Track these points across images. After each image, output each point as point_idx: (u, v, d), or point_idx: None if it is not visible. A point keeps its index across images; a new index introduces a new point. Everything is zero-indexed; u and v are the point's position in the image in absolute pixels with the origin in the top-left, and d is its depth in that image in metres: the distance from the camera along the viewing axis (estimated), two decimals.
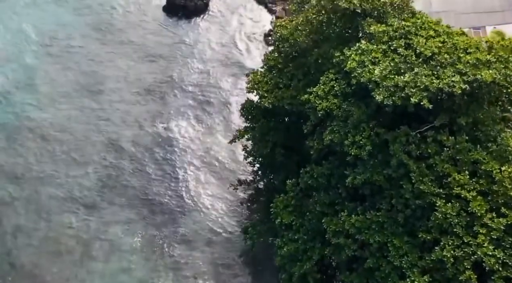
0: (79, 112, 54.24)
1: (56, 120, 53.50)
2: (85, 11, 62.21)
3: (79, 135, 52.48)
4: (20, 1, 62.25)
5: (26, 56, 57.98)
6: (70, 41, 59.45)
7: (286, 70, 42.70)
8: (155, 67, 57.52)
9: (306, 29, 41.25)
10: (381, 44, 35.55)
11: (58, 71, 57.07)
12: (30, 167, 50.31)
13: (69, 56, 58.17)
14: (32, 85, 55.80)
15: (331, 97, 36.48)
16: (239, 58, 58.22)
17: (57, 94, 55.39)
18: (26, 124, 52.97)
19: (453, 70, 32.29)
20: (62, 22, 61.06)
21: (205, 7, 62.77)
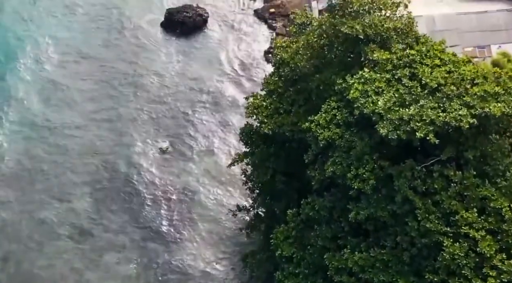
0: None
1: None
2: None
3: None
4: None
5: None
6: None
7: (287, 94, 41.52)
8: (149, 86, 56.34)
9: (307, 53, 40.06)
10: (384, 72, 34.35)
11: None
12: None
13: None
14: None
15: (333, 126, 35.28)
16: (238, 76, 56.96)
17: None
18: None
19: (460, 103, 31.06)
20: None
21: (204, 23, 61.54)
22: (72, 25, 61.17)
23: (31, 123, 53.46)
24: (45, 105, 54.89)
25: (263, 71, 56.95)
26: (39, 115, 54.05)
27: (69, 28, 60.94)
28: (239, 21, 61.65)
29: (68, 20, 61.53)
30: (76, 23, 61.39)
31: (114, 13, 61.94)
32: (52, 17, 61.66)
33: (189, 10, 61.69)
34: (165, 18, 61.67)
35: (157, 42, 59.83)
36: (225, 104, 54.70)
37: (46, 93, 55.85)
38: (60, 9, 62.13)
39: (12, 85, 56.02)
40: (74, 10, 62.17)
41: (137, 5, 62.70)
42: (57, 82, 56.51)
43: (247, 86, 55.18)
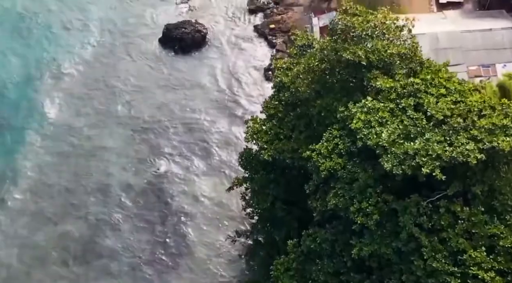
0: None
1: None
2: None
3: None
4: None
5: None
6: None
7: (287, 119, 40.32)
8: (145, 105, 55.21)
9: (308, 77, 38.84)
10: (388, 101, 33.18)
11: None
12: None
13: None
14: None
15: (335, 156, 34.07)
16: (237, 95, 55.74)
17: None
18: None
19: (467, 136, 29.87)
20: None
21: (203, 39, 60.29)
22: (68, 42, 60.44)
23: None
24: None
25: (263, 89, 56.13)
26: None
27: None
28: (238, 37, 60.41)
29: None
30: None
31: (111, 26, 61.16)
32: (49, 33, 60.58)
33: (187, 26, 60.48)
34: (163, 34, 60.43)
35: (153, 59, 58.62)
36: (222, 127, 53.41)
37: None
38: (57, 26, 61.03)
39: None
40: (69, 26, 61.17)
41: (135, 20, 61.66)
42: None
43: (246, 106, 53.98)
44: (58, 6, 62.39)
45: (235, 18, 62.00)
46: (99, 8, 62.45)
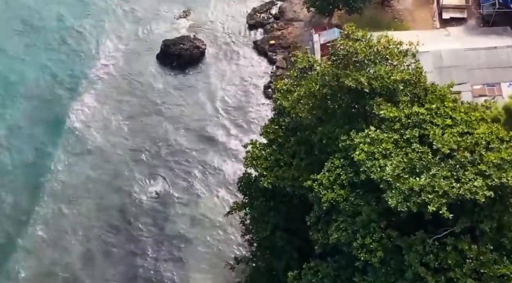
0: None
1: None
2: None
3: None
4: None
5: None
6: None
7: (287, 145, 39.16)
8: (141, 126, 54.02)
9: (309, 102, 37.70)
10: (392, 131, 32.03)
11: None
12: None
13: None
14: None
15: (337, 187, 32.91)
16: (236, 114, 54.53)
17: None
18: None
19: (475, 172, 28.71)
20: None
21: (201, 55, 59.14)
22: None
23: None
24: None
25: (262, 108, 54.99)
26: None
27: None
28: (237, 54, 59.25)
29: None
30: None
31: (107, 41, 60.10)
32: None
33: (186, 42, 59.31)
34: (160, 50, 59.31)
35: (150, 76, 57.42)
36: (221, 148, 52.24)
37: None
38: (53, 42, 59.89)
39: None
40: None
41: (132, 35, 60.55)
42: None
43: (245, 127, 52.85)
44: (56, 17, 61.51)
45: (234, 34, 60.83)
46: (95, 22, 61.40)
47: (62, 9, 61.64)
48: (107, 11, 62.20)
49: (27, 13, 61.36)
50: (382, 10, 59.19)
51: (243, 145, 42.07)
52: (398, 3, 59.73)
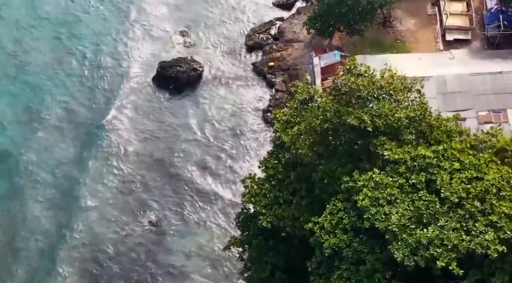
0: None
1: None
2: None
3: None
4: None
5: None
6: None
7: (287, 181, 37.66)
8: (134, 152, 52.45)
9: (310, 138, 36.22)
10: (397, 175, 30.62)
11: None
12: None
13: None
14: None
15: (339, 232, 31.52)
16: (235, 140, 53.00)
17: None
18: None
19: (486, 223, 27.25)
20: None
21: (198, 78, 57.57)
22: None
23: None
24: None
25: (261, 133, 53.49)
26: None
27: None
28: (236, 76, 57.69)
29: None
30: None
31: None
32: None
33: (182, 64, 57.74)
34: (157, 73, 57.78)
35: (145, 100, 55.84)
36: (218, 176, 50.63)
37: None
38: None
39: None
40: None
41: (128, 56, 59.04)
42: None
43: (244, 155, 51.37)
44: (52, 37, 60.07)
45: (232, 55, 59.28)
46: (90, 43, 59.98)
47: (57, 30, 60.16)
48: (103, 32, 60.73)
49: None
50: (384, 31, 57.65)
51: (241, 179, 40.71)
52: (400, 24, 58.19)
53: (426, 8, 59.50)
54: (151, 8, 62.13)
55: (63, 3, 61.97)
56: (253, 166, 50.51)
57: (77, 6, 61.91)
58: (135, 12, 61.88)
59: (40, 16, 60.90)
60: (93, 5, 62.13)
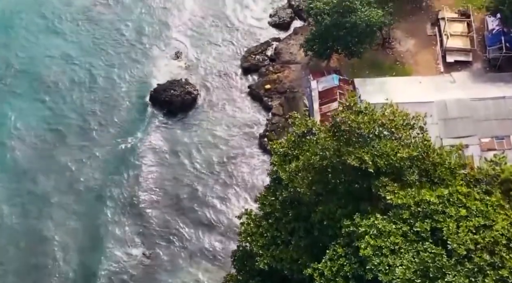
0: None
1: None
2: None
3: None
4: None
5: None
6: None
7: (285, 219, 36.24)
8: (126, 183, 51.07)
9: (308, 176, 34.85)
10: (400, 221, 29.22)
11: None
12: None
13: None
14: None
15: (340, 280, 30.12)
16: (230, 168, 51.49)
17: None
18: None
19: (496, 278, 25.86)
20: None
21: (193, 101, 56.10)
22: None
23: None
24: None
25: (258, 160, 52.02)
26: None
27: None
28: (231, 100, 56.25)
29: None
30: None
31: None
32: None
33: (177, 87, 56.28)
34: (150, 97, 56.31)
35: (137, 126, 54.32)
36: (212, 208, 49.10)
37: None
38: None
39: None
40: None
41: (120, 79, 57.59)
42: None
43: (239, 184, 49.97)
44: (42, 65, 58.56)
45: (228, 77, 57.87)
46: (80, 65, 58.46)
47: (51, 56, 58.78)
48: (93, 53, 59.28)
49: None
50: (383, 52, 56.26)
51: (237, 215, 39.26)
52: (399, 45, 56.81)
53: (426, 28, 58.20)
54: (145, 29, 60.77)
55: (56, 24, 60.82)
56: (250, 194, 49.28)
57: (67, 27, 60.65)
58: (130, 33, 60.54)
59: (29, 40, 59.53)
60: (84, 25, 60.94)
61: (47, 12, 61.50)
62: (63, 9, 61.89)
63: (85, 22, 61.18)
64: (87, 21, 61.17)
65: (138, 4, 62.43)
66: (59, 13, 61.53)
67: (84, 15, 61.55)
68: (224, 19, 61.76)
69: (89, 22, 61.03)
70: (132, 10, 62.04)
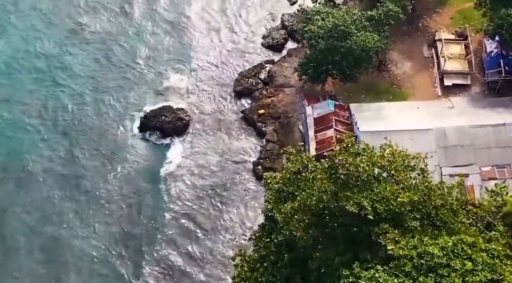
0: None
1: None
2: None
3: None
4: None
5: None
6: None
7: (281, 263, 34.68)
8: (123, 212, 49.45)
9: (305, 219, 33.30)
10: (402, 274, 27.74)
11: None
12: None
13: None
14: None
15: None
16: (222, 199, 49.87)
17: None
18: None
19: None
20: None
21: (185, 128, 54.48)
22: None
23: None
24: None
25: (252, 191, 50.53)
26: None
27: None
28: (224, 125, 54.65)
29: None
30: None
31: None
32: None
33: (168, 113, 54.75)
34: (140, 123, 54.73)
35: (127, 154, 52.77)
36: (204, 246, 47.43)
37: None
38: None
39: None
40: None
41: (110, 104, 56.04)
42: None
43: (233, 218, 48.30)
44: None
45: (220, 101, 56.32)
46: (69, 89, 56.92)
47: (36, 81, 57.22)
48: (82, 75, 57.77)
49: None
50: (379, 75, 54.89)
51: (231, 257, 37.75)
52: (396, 67, 55.47)
53: (422, 50, 56.84)
54: (136, 53, 59.24)
55: (39, 48, 59.31)
56: (243, 227, 47.88)
57: (52, 50, 59.17)
58: (120, 56, 59.04)
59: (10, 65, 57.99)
60: (70, 47, 59.46)
61: (30, 35, 60.09)
62: (48, 32, 60.35)
63: (71, 44, 59.56)
64: (73, 43, 59.54)
65: (127, 27, 61.01)
66: (43, 36, 59.96)
67: (70, 38, 59.97)
68: (217, 41, 60.35)
69: (75, 45, 59.39)
70: (122, 33, 60.55)
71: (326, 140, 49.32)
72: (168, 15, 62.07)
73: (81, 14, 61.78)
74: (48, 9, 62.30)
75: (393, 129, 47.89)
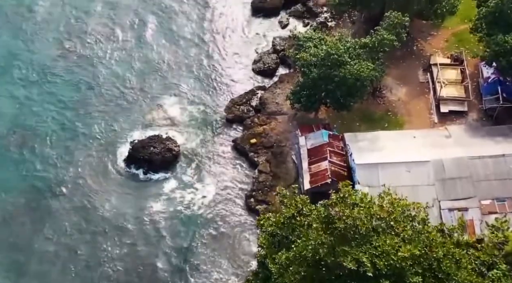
0: None
1: None
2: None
3: None
4: None
5: None
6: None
7: None
8: (117, 250, 47.71)
9: (300, 271, 31.73)
10: None
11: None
12: None
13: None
14: None
15: None
16: (213, 235, 48.15)
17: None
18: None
19: None
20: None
21: (175, 159, 52.67)
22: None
23: None
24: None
25: (245, 226, 48.84)
26: None
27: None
28: (215, 156, 52.98)
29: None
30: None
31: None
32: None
33: (157, 144, 52.87)
34: (128, 155, 52.83)
35: (114, 186, 50.99)
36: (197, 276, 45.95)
37: None
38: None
39: None
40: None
41: (97, 135, 54.31)
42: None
43: (224, 258, 46.64)
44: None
45: (211, 130, 54.67)
46: (54, 119, 55.13)
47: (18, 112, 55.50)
48: (67, 101, 56.19)
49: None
50: (374, 102, 53.46)
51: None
52: (390, 93, 54.05)
53: (418, 74, 55.43)
54: (125, 81, 57.56)
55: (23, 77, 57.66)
56: (234, 265, 46.20)
57: (36, 79, 57.57)
58: (107, 86, 57.36)
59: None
60: (54, 76, 57.74)
61: (14, 59, 58.45)
62: (32, 60, 58.72)
63: (55, 73, 57.95)
64: (56, 72, 57.97)
65: (116, 53, 59.44)
66: (27, 65, 58.34)
67: (54, 66, 58.36)
68: (207, 67, 58.80)
69: (58, 74, 57.82)
70: (110, 61, 58.94)
71: (321, 173, 47.73)
72: (157, 41, 60.56)
73: (68, 38, 60.40)
74: (33, 32, 60.69)
75: (389, 161, 46.54)
